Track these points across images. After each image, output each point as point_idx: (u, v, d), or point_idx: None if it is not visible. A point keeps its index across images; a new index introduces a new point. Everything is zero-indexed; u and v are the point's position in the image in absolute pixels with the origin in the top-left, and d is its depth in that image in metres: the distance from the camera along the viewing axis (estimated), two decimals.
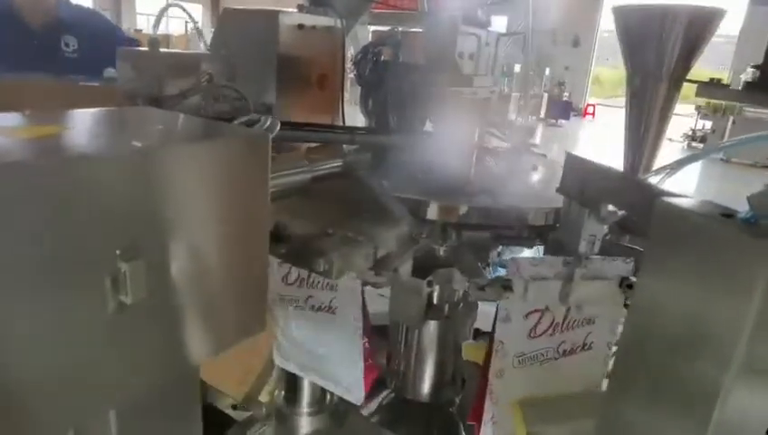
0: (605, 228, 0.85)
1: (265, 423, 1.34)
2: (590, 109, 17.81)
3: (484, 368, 1.03)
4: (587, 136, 14.51)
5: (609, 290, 0.85)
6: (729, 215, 0.52)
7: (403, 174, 1.28)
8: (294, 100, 1.74)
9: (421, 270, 1.20)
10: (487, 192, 1.15)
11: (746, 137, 0.97)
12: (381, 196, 0.98)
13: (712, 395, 0.51)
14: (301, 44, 1.71)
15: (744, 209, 0.53)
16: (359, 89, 1.72)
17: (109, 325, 0.53)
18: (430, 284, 1.24)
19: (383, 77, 1.56)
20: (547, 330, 0.91)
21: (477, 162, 1.30)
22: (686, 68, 1.26)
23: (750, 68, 1.32)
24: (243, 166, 0.65)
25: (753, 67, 1.31)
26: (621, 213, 0.79)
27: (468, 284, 0.95)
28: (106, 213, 0.52)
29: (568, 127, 15.46)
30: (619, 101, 1.58)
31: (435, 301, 1.32)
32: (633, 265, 0.88)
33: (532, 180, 1.16)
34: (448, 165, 1.23)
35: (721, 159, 10.23)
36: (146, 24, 15.76)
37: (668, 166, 0.86)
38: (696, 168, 9.28)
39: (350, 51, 2.11)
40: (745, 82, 1.28)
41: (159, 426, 0.75)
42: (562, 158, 0.99)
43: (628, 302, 0.87)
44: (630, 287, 0.83)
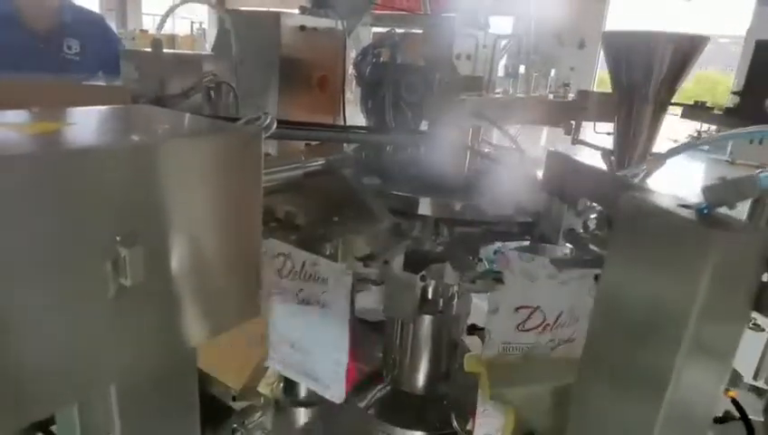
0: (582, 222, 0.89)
1: (264, 413, 1.38)
2: None
3: None
4: (591, 136, 14.48)
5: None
6: (687, 206, 0.55)
7: (398, 171, 1.31)
8: (296, 100, 1.78)
9: (415, 265, 1.24)
10: (478, 189, 1.18)
11: (724, 133, 1.00)
12: (365, 193, 1.02)
13: (665, 376, 0.55)
14: (302, 46, 1.75)
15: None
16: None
17: (110, 306, 0.57)
18: (424, 278, 1.28)
19: (381, 78, 1.59)
20: (536, 328, 0.94)
21: (471, 161, 1.34)
22: (672, 91, 1.29)
23: (731, 94, 1.37)
24: (237, 160, 0.69)
25: (733, 93, 1.35)
26: (598, 208, 0.82)
27: (460, 277, 0.98)
28: (107, 202, 0.56)
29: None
30: None
31: (429, 296, 1.36)
32: None
33: (521, 178, 1.19)
34: (441, 163, 1.26)
35: (726, 161, 10.19)
36: (151, 25, 15.79)
37: (648, 161, 0.89)
38: (700, 169, 9.26)
39: (352, 52, 2.14)
40: (726, 108, 1.32)
41: (158, 413, 0.78)
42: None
43: None
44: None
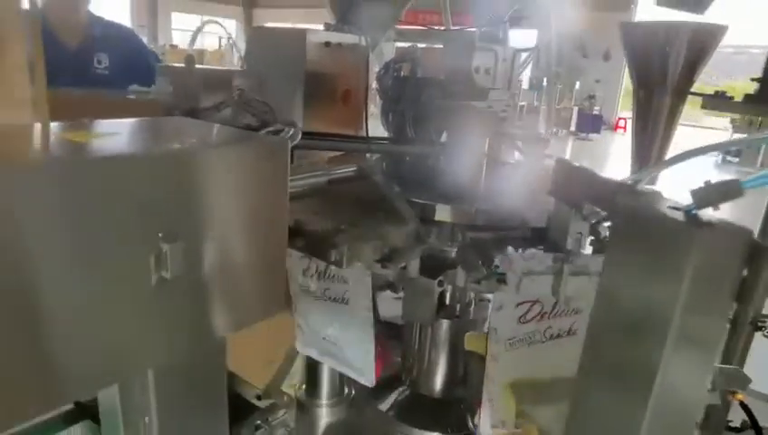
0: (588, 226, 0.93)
1: (287, 411, 1.44)
2: (622, 122, 17.60)
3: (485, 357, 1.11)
4: (617, 150, 14.24)
5: (592, 284, 0.92)
6: (677, 208, 0.60)
7: (416, 180, 1.37)
8: (320, 113, 1.85)
9: (432, 270, 1.29)
10: (494, 197, 1.23)
11: (740, 138, 1.03)
12: (390, 197, 1.08)
13: (654, 368, 0.59)
14: (327, 61, 1.82)
15: None
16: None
17: (151, 295, 0.64)
18: (441, 283, 1.33)
19: (402, 91, 1.65)
20: (536, 317, 1.00)
21: (488, 170, 1.39)
22: (690, 80, 1.32)
23: (750, 80, 1.39)
24: (265, 167, 0.75)
25: (753, 80, 1.37)
26: (603, 213, 0.87)
27: (466, 277, 1.03)
28: (150, 203, 0.62)
29: (598, 141, 15.26)
30: None
31: (446, 301, 1.40)
32: None
33: (537, 187, 1.24)
34: (458, 172, 1.32)
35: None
36: (181, 40, 16.21)
37: (658, 164, 0.93)
38: (724, 177, 9.08)
39: (375, 66, 2.21)
40: (745, 95, 1.34)
41: (191, 401, 0.85)
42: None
43: None
44: None
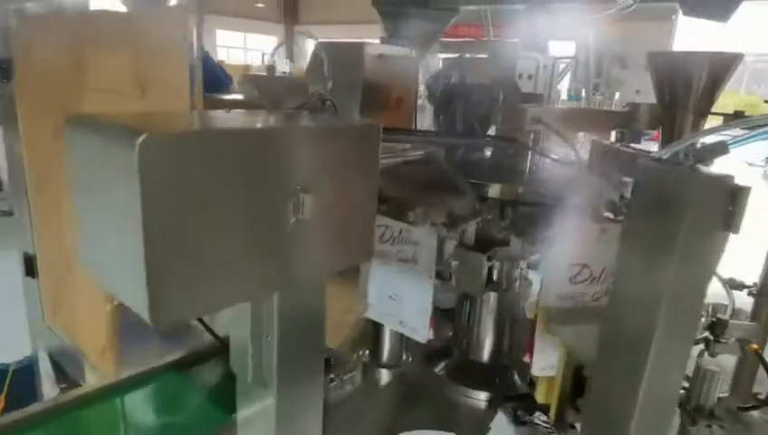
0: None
1: (354, 371, 1.66)
2: None
3: None
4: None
5: None
6: (680, 164, 0.79)
7: (470, 166, 1.58)
8: (375, 118, 2.07)
9: (483, 245, 1.50)
10: (538, 179, 1.43)
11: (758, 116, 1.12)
12: (451, 177, 1.29)
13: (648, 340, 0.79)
14: (381, 71, 2.04)
15: None
16: (429, 109, 2.02)
17: (289, 231, 0.86)
18: (490, 259, 1.53)
19: (453, 97, 1.85)
20: (586, 280, 1.17)
21: (532, 159, 1.59)
22: (710, 102, 1.50)
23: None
24: (364, 145, 0.98)
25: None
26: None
27: (523, 240, 1.23)
28: (292, 163, 0.85)
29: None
30: None
31: (494, 276, 1.60)
32: None
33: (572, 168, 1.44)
34: (507, 159, 1.53)
35: None
36: (225, 56, 16.88)
37: (679, 141, 1.02)
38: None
39: (421, 76, 2.42)
40: (762, 115, 1.51)
41: (301, 329, 1.03)
42: None
43: None
44: None
